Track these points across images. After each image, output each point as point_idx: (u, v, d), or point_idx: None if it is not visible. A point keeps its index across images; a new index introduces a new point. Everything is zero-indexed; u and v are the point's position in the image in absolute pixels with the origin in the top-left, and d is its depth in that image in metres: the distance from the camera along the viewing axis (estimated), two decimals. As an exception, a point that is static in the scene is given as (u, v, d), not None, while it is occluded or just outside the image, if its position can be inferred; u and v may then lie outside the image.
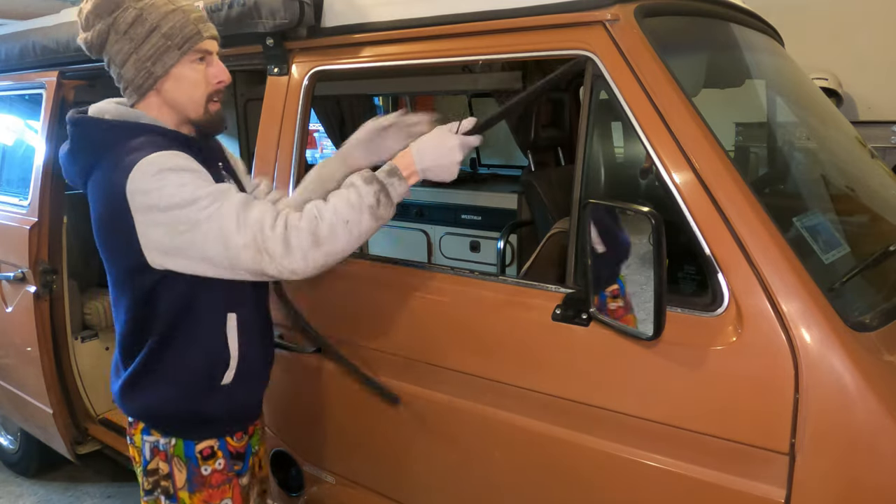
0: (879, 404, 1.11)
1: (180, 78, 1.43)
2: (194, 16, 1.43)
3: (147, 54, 1.40)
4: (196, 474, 1.52)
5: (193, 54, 1.42)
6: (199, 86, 1.45)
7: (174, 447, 1.51)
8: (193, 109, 1.46)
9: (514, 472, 1.52)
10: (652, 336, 1.22)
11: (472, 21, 1.56)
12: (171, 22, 1.40)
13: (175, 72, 1.42)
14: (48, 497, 3.18)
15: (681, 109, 1.32)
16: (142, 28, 1.39)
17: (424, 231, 4.07)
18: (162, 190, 1.30)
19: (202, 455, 1.52)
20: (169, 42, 1.39)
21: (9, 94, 3.02)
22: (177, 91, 1.44)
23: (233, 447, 1.58)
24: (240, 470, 1.59)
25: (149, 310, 1.43)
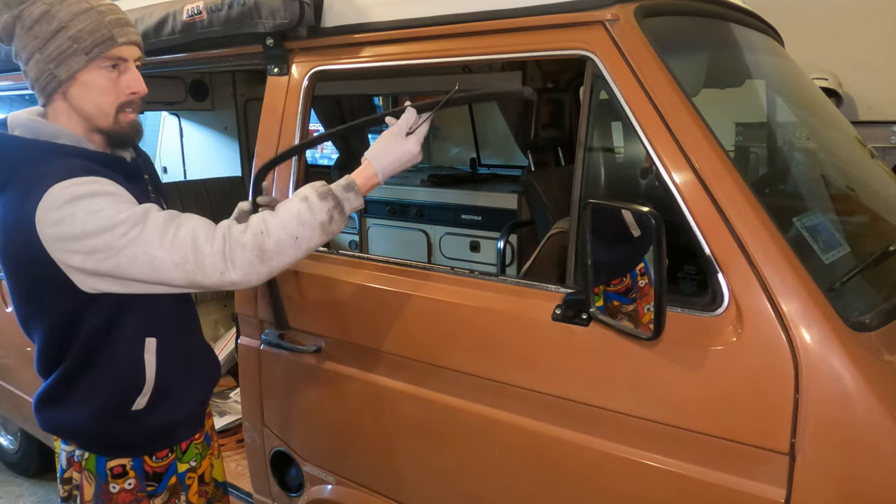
0: (879, 404, 1.11)
1: (87, 85, 1.32)
2: (110, 18, 1.31)
3: (51, 55, 1.29)
4: (103, 490, 1.48)
5: (104, 60, 1.31)
6: (107, 94, 1.33)
7: (87, 460, 1.47)
8: (101, 118, 1.35)
9: (514, 472, 1.52)
10: (652, 336, 1.22)
11: (472, 21, 1.56)
12: (82, 24, 1.28)
13: (82, 77, 1.31)
14: (48, 497, 3.18)
15: (681, 109, 1.32)
16: (48, 26, 1.28)
17: (424, 231, 4.07)
18: (74, 217, 1.22)
19: (112, 472, 1.47)
20: (76, 45, 1.28)
21: (9, 94, 3.02)
22: (83, 98, 1.33)
23: (150, 467, 1.51)
24: (153, 491, 1.52)
25: (70, 332, 1.37)
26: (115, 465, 1.48)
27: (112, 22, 1.31)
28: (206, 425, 1.69)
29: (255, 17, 1.82)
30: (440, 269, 1.65)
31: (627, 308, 1.32)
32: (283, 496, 2.05)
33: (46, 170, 1.27)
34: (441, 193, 4.02)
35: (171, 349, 1.49)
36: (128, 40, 1.33)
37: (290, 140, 1.86)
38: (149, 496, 1.53)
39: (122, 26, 1.33)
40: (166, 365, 1.48)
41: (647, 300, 1.29)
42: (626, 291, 1.32)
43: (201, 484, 1.69)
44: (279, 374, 1.94)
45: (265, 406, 2.01)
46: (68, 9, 1.28)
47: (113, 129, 1.37)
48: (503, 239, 3.31)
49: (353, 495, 1.86)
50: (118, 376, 1.43)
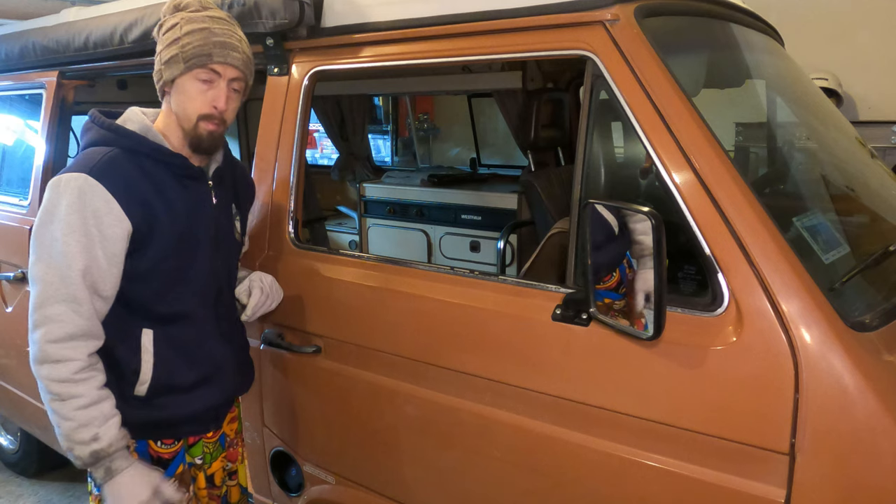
0: (879, 404, 1.11)
1: (181, 89, 1.50)
2: (216, 40, 1.48)
3: (164, 58, 1.50)
4: None
5: (200, 72, 1.48)
6: (193, 101, 1.50)
7: None
8: (185, 121, 1.52)
9: (514, 471, 1.52)
10: (652, 336, 1.22)
11: (472, 21, 1.56)
12: (193, 39, 1.47)
13: (179, 82, 1.50)
14: (48, 497, 3.18)
15: (681, 109, 1.32)
16: (172, 35, 1.49)
17: (424, 231, 4.07)
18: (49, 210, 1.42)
19: None
20: (181, 54, 1.47)
21: (9, 94, 3.02)
22: (176, 100, 1.52)
23: (155, 452, 1.58)
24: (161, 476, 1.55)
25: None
26: None
27: (216, 43, 1.48)
28: (228, 430, 1.75)
29: (255, 17, 1.82)
30: (440, 268, 1.65)
31: (619, 304, 1.32)
32: (283, 496, 2.05)
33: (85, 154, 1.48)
34: (441, 193, 4.02)
35: (176, 349, 1.54)
36: (224, 61, 1.48)
37: (290, 140, 1.86)
38: None
39: (224, 48, 1.49)
40: (169, 363, 1.52)
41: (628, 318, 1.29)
42: (616, 287, 1.32)
43: (211, 486, 1.72)
44: (279, 374, 1.94)
45: (265, 406, 2.01)
46: (190, 25, 1.48)
47: (191, 133, 1.52)
48: (503, 239, 3.31)
49: (353, 495, 1.86)
50: (114, 361, 1.50)
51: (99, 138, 1.51)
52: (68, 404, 1.41)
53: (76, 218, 1.40)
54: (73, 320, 1.40)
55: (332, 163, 4.89)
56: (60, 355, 1.40)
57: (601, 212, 1.29)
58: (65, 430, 1.42)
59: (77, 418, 1.41)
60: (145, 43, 2.07)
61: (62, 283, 1.40)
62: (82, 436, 1.42)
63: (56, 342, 1.39)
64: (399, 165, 5.37)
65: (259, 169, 1.93)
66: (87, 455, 1.43)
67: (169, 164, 1.52)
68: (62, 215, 1.40)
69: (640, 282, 1.25)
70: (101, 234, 1.41)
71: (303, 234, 1.91)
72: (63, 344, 1.40)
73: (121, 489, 1.46)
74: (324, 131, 4.88)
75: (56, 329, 1.39)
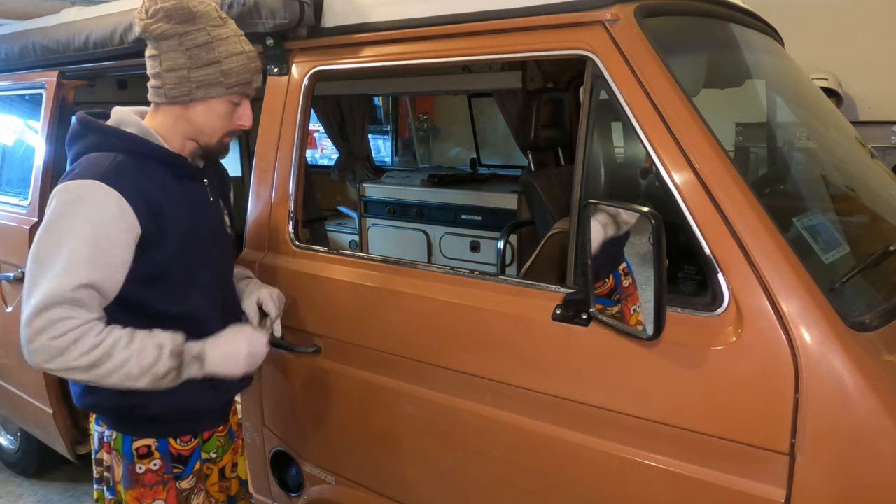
0: (879, 404, 1.11)
1: (213, 109, 1.51)
2: (254, 66, 1.53)
3: (197, 78, 1.47)
4: (130, 471, 1.55)
5: (235, 97, 1.52)
6: (223, 120, 1.54)
7: (115, 441, 1.56)
8: (209, 136, 1.55)
9: (514, 472, 1.52)
10: (652, 336, 1.22)
11: (472, 21, 1.56)
12: (234, 64, 1.49)
13: (212, 102, 1.51)
14: (48, 497, 3.18)
15: (681, 109, 1.32)
16: (206, 55, 1.47)
17: (424, 231, 4.07)
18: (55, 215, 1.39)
19: (137, 453, 1.55)
20: (222, 79, 1.48)
21: (9, 94, 3.02)
22: (203, 117, 1.52)
23: (175, 449, 1.58)
24: (180, 473, 1.59)
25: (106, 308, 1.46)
26: (140, 445, 1.55)
27: (254, 69, 1.53)
28: (232, 422, 1.76)
29: (255, 17, 1.82)
30: (440, 269, 1.65)
31: (612, 310, 1.31)
32: (283, 496, 2.05)
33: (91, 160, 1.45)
34: (441, 193, 4.02)
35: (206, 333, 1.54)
36: (258, 85, 1.56)
37: (290, 140, 1.86)
38: (175, 478, 1.59)
39: (258, 73, 1.55)
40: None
41: (632, 301, 1.29)
42: (609, 293, 1.32)
43: (221, 479, 1.74)
44: (279, 374, 1.94)
45: (265, 406, 2.01)
46: (227, 48, 1.48)
47: (213, 146, 1.57)
48: (503, 239, 3.31)
49: (353, 495, 1.86)
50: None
51: (100, 142, 1.49)
52: (113, 357, 1.37)
53: (87, 227, 1.37)
54: (78, 314, 1.37)
55: (332, 163, 4.89)
56: (73, 338, 1.35)
57: (601, 212, 1.29)
58: (134, 372, 1.39)
59: (130, 354, 1.38)
60: (145, 43, 2.07)
61: (67, 290, 1.35)
62: (147, 359, 1.40)
63: (63, 335, 1.35)
64: (399, 165, 5.37)
65: (259, 169, 1.93)
66: (169, 366, 1.42)
67: (171, 165, 1.52)
68: (72, 223, 1.37)
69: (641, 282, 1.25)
70: (111, 241, 1.39)
71: (303, 234, 1.91)
72: (72, 332, 1.35)
73: (221, 363, 1.49)
74: (324, 131, 4.88)
75: (62, 325, 1.35)
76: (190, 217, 1.52)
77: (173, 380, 1.44)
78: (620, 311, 1.30)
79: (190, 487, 1.62)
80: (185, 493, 1.61)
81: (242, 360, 1.51)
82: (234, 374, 1.52)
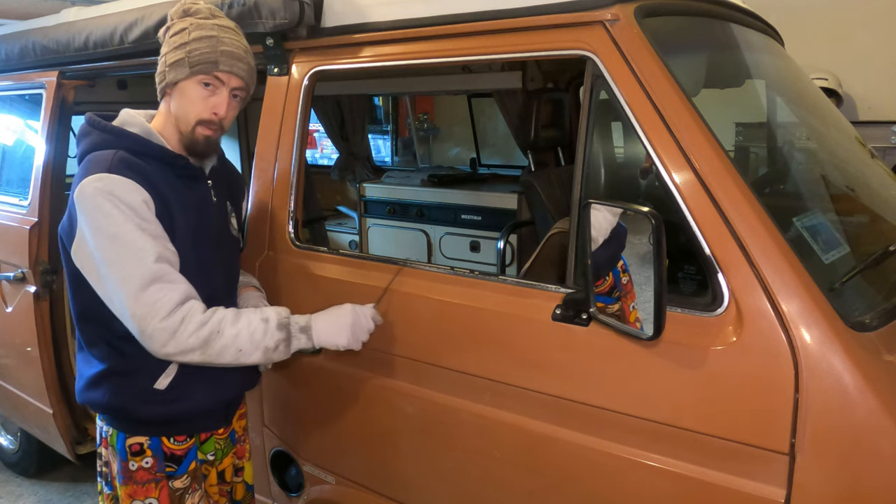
0: (879, 404, 1.11)
1: (183, 93, 1.52)
2: (224, 49, 1.51)
3: (169, 61, 1.52)
4: (123, 468, 1.57)
5: (204, 77, 1.51)
6: (194, 105, 1.52)
7: (111, 437, 1.59)
8: (183, 124, 1.54)
9: (514, 472, 1.52)
10: (652, 336, 1.22)
11: (472, 21, 1.56)
12: (200, 45, 1.50)
13: (182, 86, 1.52)
14: (48, 497, 3.18)
15: (681, 109, 1.32)
16: (179, 39, 1.51)
17: (424, 231, 4.07)
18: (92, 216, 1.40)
19: (130, 450, 1.57)
20: (187, 59, 1.49)
21: (9, 94, 3.02)
22: (176, 102, 1.54)
23: (168, 448, 1.59)
24: (173, 472, 1.60)
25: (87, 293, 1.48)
26: (133, 442, 1.56)
27: (223, 52, 1.51)
28: (237, 426, 1.76)
29: (255, 17, 1.82)
30: (440, 269, 1.65)
31: (613, 308, 1.32)
32: (283, 496, 2.05)
33: (97, 157, 1.46)
34: (441, 193, 4.02)
35: None
36: (229, 70, 1.52)
37: (290, 140, 1.86)
38: (168, 477, 1.59)
39: (230, 58, 1.52)
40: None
41: (631, 297, 1.29)
42: (609, 291, 1.32)
43: (221, 482, 1.74)
44: (279, 374, 1.94)
45: (265, 406, 2.01)
46: (198, 32, 1.51)
47: (188, 136, 1.55)
48: (503, 239, 3.31)
49: (353, 495, 1.86)
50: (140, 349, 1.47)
51: (101, 142, 1.51)
52: (224, 334, 1.43)
53: (121, 213, 1.39)
54: (172, 290, 1.40)
55: (332, 163, 4.89)
56: (178, 319, 1.39)
57: (601, 212, 1.29)
58: (246, 347, 1.45)
59: (240, 329, 1.44)
60: (145, 43, 2.07)
61: (148, 270, 1.38)
62: (257, 334, 1.46)
63: (167, 317, 1.38)
64: (399, 165, 5.37)
65: (259, 169, 1.93)
66: (278, 338, 1.48)
67: (172, 164, 1.53)
68: (107, 215, 1.39)
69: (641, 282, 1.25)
70: (146, 217, 1.42)
71: (303, 234, 1.90)
72: (175, 312, 1.39)
73: (328, 332, 1.55)
74: (324, 131, 4.88)
75: (161, 307, 1.38)
76: (191, 216, 1.53)
77: (284, 351, 1.51)
78: (620, 308, 1.30)
79: (184, 487, 1.61)
80: (178, 493, 1.60)
81: (347, 328, 1.55)
82: (339, 345, 1.56)
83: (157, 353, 1.41)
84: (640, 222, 1.23)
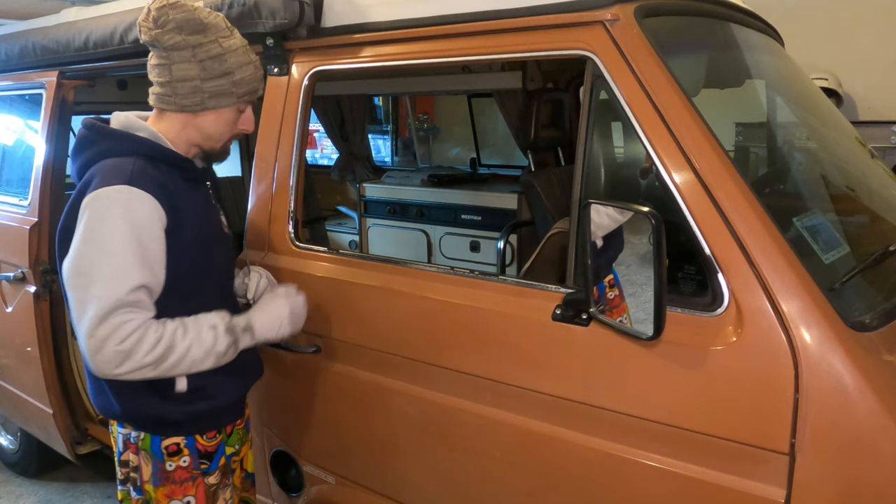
0: (879, 404, 1.11)
1: (222, 117, 1.57)
2: (260, 73, 1.59)
3: (210, 88, 1.51)
4: (160, 469, 1.58)
5: (243, 105, 1.58)
6: (230, 126, 1.60)
7: (143, 441, 1.58)
8: (216, 141, 1.60)
9: (514, 472, 1.52)
10: (652, 336, 1.22)
11: (472, 21, 1.56)
12: (244, 74, 1.54)
13: (222, 111, 1.56)
14: (48, 497, 3.18)
15: (681, 109, 1.32)
16: (219, 66, 1.50)
17: (424, 231, 4.07)
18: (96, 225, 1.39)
19: (167, 451, 1.58)
20: (234, 90, 1.53)
21: (9, 94, 3.02)
22: (213, 125, 1.57)
23: (201, 445, 1.61)
24: (206, 469, 1.63)
25: None
26: (169, 443, 1.58)
27: (260, 77, 1.60)
28: (246, 413, 1.79)
29: (255, 17, 1.82)
30: (440, 269, 1.65)
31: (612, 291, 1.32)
32: (283, 496, 2.05)
33: (114, 165, 1.46)
34: (441, 193, 4.02)
35: None
36: (262, 93, 1.61)
37: (290, 140, 1.86)
38: (203, 474, 1.61)
39: (262, 82, 1.62)
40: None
41: (618, 312, 1.29)
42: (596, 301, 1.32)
43: (241, 469, 1.78)
44: (279, 374, 1.94)
45: (265, 406, 2.01)
46: (238, 59, 1.53)
47: (218, 150, 1.64)
48: (503, 239, 3.31)
49: (353, 495, 1.86)
50: None
51: (116, 148, 1.50)
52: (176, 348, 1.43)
53: (128, 229, 1.39)
54: (137, 316, 1.40)
55: (332, 163, 4.88)
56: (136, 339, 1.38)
57: (601, 212, 1.29)
58: (199, 356, 1.46)
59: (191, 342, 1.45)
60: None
61: (123, 295, 1.37)
62: (207, 342, 1.47)
63: (125, 339, 1.37)
64: (399, 165, 5.37)
65: (259, 169, 1.93)
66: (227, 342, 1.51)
67: (181, 168, 1.55)
68: (111, 228, 1.39)
69: (641, 282, 1.25)
70: (152, 238, 1.42)
71: (303, 234, 1.91)
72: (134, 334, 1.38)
73: (269, 327, 1.60)
74: (324, 131, 4.88)
75: (124, 329, 1.37)
76: (201, 218, 1.56)
77: (233, 354, 1.54)
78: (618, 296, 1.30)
79: (216, 483, 1.65)
80: (212, 489, 1.64)
81: (286, 319, 1.62)
82: (283, 335, 1.63)
83: (107, 373, 1.39)
84: (640, 222, 1.23)
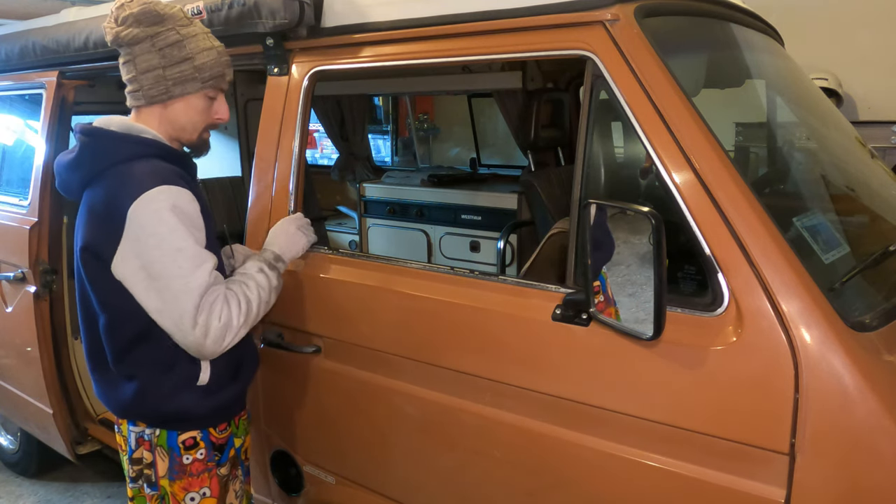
0: (879, 404, 1.11)
1: (191, 105, 1.59)
2: (225, 59, 1.61)
3: (173, 76, 1.54)
4: (177, 463, 1.60)
5: (210, 90, 1.60)
6: (202, 115, 1.61)
7: (158, 437, 1.60)
8: (190, 132, 1.62)
9: (514, 472, 1.52)
10: (652, 336, 1.22)
11: (472, 21, 1.56)
12: (206, 59, 1.56)
13: (189, 98, 1.58)
14: (48, 497, 3.18)
15: (681, 109, 1.32)
16: (178, 53, 1.53)
17: (424, 231, 4.07)
18: (156, 229, 1.43)
19: (185, 445, 1.61)
20: (197, 74, 1.55)
21: (9, 94, 3.02)
22: (183, 114, 1.59)
23: (215, 438, 1.65)
24: (219, 460, 1.66)
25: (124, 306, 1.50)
26: (186, 437, 1.61)
27: (225, 63, 1.62)
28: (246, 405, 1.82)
29: (255, 17, 1.82)
30: (440, 269, 1.65)
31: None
32: (283, 496, 2.05)
33: (141, 167, 1.49)
34: (441, 193, 4.02)
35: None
36: (230, 79, 1.63)
37: (290, 140, 1.86)
38: (217, 465, 1.65)
39: (229, 67, 1.63)
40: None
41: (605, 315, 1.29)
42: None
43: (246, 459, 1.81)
44: (279, 374, 1.94)
45: (265, 406, 2.01)
46: (197, 44, 1.55)
47: (194, 142, 1.65)
48: (503, 239, 3.31)
49: (353, 495, 1.86)
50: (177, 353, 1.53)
51: (130, 151, 1.52)
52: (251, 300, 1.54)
53: (184, 226, 1.45)
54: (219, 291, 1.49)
55: (332, 163, 4.88)
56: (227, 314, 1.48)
57: (601, 212, 1.29)
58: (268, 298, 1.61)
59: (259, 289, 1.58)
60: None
61: (205, 282, 1.45)
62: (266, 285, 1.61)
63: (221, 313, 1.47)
64: (399, 165, 5.37)
65: (259, 169, 1.93)
66: (276, 276, 1.65)
67: (183, 164, 1.60)
68: (171, 228, 1.44)
69: (641, 282, 1.25)
70: (200, 228, 1.50)
71: (303, 234, 1.90)
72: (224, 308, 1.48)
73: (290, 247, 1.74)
74: (324, 131, 4.88)
75: (216, 308, 1.46)
76: (208, 209, 1.60)
77: (280, 282, 1.68)
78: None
79: (227, 474, 1.69)
80: (224, 480, 1.68)
81: (297, 233, 1.76)
82: (304, 246, 1.78)
83: (218, 351, 1.48)
84: (640, 222, 1.23)
